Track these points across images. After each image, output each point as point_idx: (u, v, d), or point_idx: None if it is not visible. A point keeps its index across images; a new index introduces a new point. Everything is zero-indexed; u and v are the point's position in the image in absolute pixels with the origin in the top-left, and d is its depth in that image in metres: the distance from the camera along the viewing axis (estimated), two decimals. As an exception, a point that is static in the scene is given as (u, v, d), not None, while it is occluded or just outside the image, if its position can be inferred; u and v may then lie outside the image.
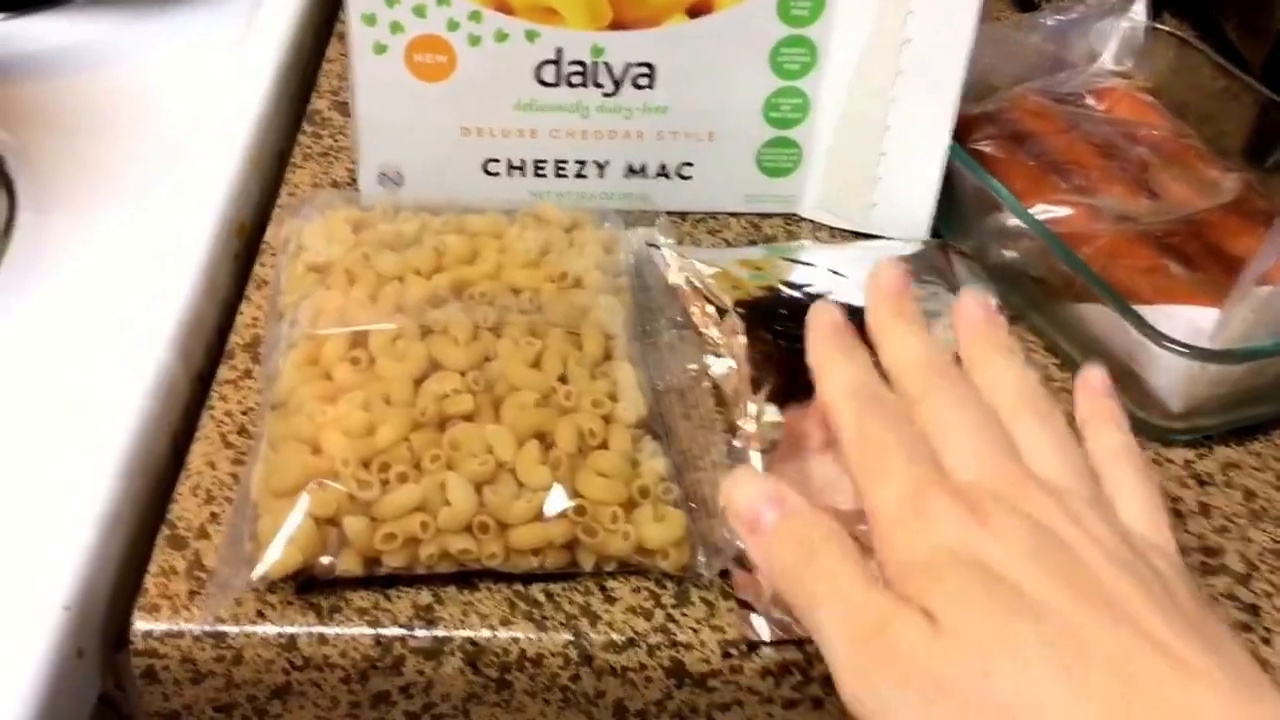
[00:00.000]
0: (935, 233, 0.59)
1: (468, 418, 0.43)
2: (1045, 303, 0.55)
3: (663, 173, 0.58)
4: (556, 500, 0.42)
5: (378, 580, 0.42)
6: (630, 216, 0.55)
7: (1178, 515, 0.48)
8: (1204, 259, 0.54)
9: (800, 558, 0.34)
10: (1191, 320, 0.50)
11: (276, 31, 0.66)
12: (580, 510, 0.42)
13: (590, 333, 0.47)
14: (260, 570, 0.40)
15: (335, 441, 0.42)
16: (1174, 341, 0.48)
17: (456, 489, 0.42)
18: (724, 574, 0.43)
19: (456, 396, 0.44)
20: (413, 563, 0.42)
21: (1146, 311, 0.49)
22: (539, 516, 0.42)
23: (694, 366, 0.49)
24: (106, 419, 0.46)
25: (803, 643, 0.41)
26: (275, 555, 0.40)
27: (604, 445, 0.44)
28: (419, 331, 0.46)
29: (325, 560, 0.41)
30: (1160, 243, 0.55)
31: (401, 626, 0.41)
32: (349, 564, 0.41)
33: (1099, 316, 0.51)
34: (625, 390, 0.45)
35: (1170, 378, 0.49)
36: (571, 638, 0.41)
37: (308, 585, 0.42)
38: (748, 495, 0.36)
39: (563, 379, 0.45)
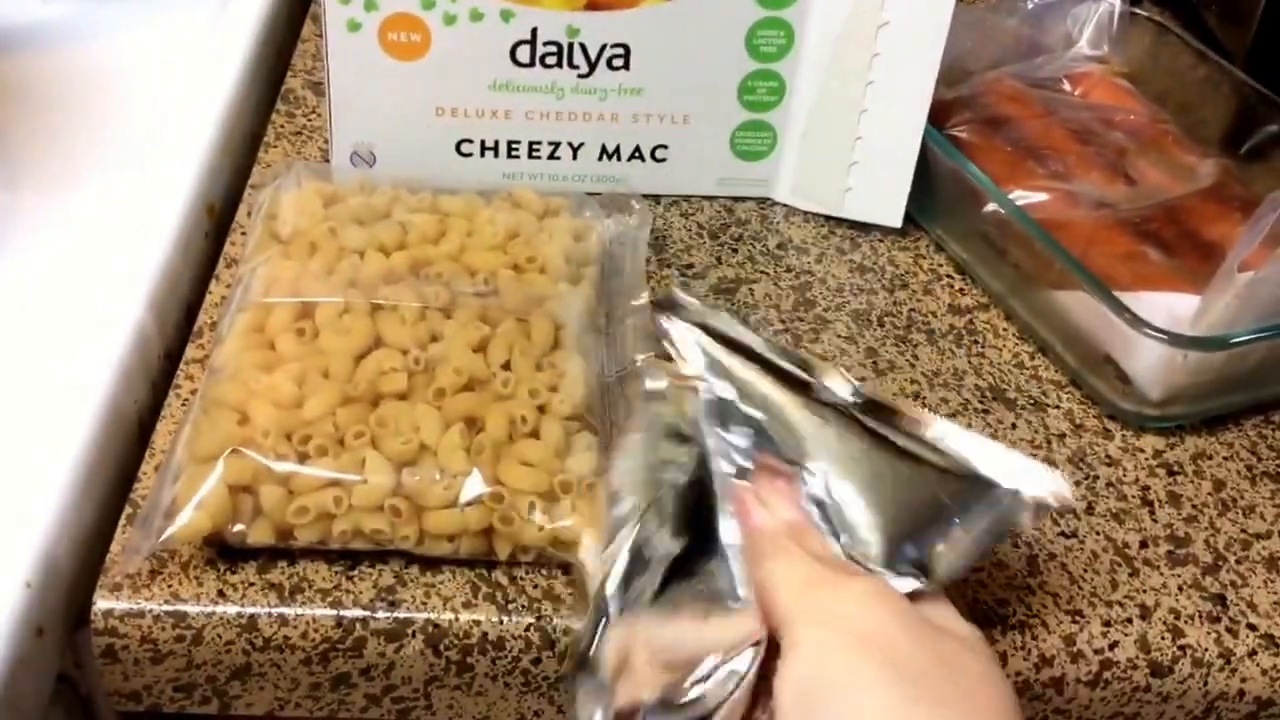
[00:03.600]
0: (909, 218, 0.58)
1: (402, 397, 0.43)
2: (1021, 289, 0.54)
3: (637, 155, 0.58)
4: (473, 486, 0.41)
5: (341, 560, 0.42)
6: (605, 199, 0.54)
7: (1146, 504, 0.48)
8: (1181, 245, 0.54)
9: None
10: (1170, 307, 0.50)
11: (251, 11, 0.66)
12: (497, 498, 0.41)
13: (539, 322, 0.46)
14: (168, 533, 0.40)
15: (262, 411, 0.42)
16: (1156, 328, 0.47)
17: (375, 468, 0.41)
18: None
19: (393, 374, 0.43)
20: (326, 538, 0.41)
21: (1125, 298, 0.49)
22: (455, 502, 0.41)
23: (643, 356, 0.48)
24: (72, 397, 0.45)
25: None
26: (184, 519, 0.40)
27: (535, 435, 0.43)
28: (368, 308, 0.45)
29: (237, 529, 0.41)
30: (1138, 229, 0.54)
31: (363, 608, 0.41)
32: (261, 534, 0.41)
33: (1076, 303, 0.51)
34: (567, 382, 0.45)
35: (1150, 365, 0.48)
36: (534, 621, 0.41)
37: (269, 564, 0.42)
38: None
39: (507, 365, 0.45)
